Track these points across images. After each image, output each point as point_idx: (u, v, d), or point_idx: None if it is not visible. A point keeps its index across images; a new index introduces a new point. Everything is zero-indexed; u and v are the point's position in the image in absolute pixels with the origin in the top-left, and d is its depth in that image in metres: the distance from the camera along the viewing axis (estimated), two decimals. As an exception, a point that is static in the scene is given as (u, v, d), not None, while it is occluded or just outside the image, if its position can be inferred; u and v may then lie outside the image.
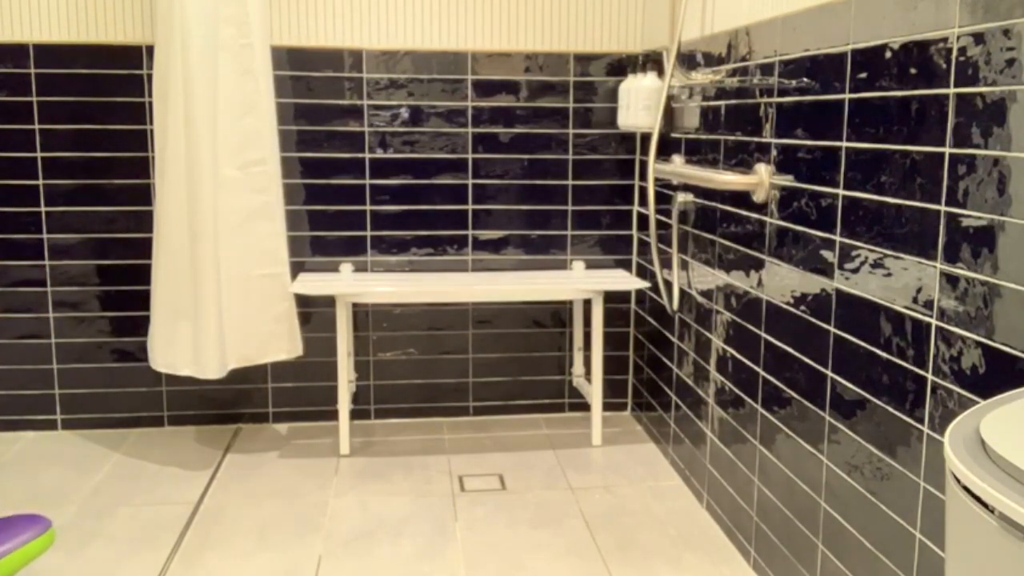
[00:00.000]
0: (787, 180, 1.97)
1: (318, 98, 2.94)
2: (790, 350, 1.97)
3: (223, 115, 2.61)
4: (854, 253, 1.70)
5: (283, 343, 2.82)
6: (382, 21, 2.93)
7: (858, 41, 1.69)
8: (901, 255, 1.55)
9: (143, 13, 2.82)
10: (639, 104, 2.77)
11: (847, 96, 1.72)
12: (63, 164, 2.88)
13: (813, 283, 1.86)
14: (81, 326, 2.97)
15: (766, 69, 2.07)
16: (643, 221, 3.10)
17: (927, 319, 1.48)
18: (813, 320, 1.86)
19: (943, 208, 1.43)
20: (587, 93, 3.05)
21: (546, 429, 3.11)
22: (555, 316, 3.18)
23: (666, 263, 2.77)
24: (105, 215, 2.92)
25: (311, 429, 3.07)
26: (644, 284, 2.96)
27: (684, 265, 2.65)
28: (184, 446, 2.92)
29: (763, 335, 2.11)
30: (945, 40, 1.43)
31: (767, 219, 2.07)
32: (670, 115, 2.74)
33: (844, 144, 1.73)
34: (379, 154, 2.99)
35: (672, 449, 2.80)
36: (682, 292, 2.68)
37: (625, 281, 2.98)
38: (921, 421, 1.50)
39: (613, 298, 3.17)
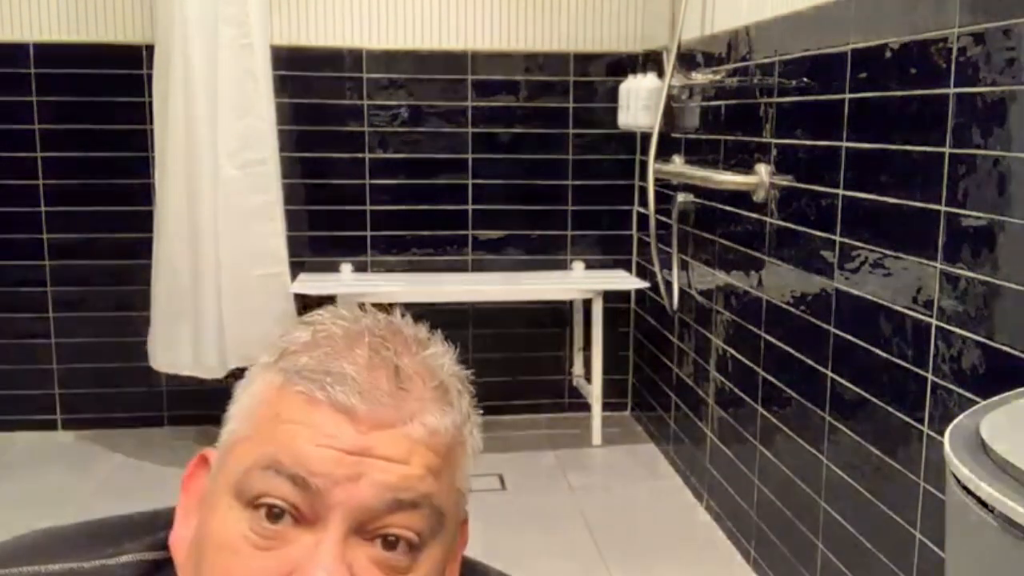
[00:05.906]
0: (787, 180, 1.97)
1: (318, 98, 2.93)
2: (790, 350, 1.97)
3: (223, 115, 2.61)
4: (854, 253, 1.70)
5: (283, 343, 2.81)
6: (382, 21, 2.93)
7: (858, 41, 1.69)
8: (901, 255, 1.55)
9: (143, 13, 2.82)
10: (639, 104, 2.76)
11: (847, 96, 1.72)
12: (63, 164, 2.87)
13: (813, 283, 1.86)
14: (81, 326, 2.96)
15: (766, 69, 2.07)
16: (643, 221, 3.10)
17: (927, 319, 1.48)
18: (813, 320, 1.86)
19: (943, 208, 1.43)
20: (587, 93, 3.05)
21: (546, 429, 3.11)
22: (555, 316, 3.18)
23: (666, 263, 2.77)
24: (105, 215, 2.91)
25: (311, 429, 3.07)
26: (644, 284, 2.96)
27: (684, 265, 2.65)
28: (184, 446, 2.91)
29: (763, 335, 2.11)
30: (945, 40, 1.43)
31: (767, 219, 2.07)
32: (670, 115, 2.74)
33: (844, 144, 1.73)
34: (379, 154, 2.99)
35: (672, 449, 2.80)
36: (682, 292, 2.68)
37: (625, 281, 2.98)
38: (921, 421, 1.50)
39: (613, 298, 3.17)
